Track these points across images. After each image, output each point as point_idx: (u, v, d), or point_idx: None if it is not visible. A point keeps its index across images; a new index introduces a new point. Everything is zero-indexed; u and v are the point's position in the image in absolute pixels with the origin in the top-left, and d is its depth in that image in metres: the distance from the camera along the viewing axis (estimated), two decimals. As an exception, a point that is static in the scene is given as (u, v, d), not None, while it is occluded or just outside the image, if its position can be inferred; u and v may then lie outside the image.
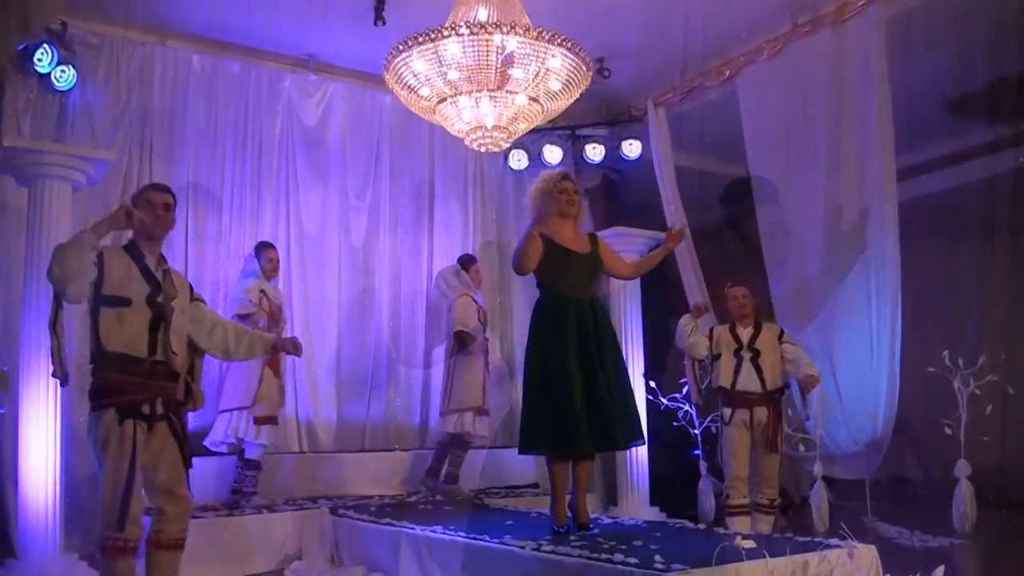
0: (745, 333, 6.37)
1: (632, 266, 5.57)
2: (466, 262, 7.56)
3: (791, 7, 7.31)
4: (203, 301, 4.35)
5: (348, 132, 8.25)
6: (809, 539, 4.58)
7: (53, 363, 3.82)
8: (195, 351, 4.24)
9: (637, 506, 7.54)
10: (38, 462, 5.59)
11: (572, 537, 4.78)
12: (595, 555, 4.17)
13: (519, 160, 8.81)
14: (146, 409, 3.88)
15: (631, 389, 5.21)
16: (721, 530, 5.39)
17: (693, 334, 6.46)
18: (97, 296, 3.88)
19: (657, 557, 4.00)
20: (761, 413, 6.20)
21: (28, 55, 6.58)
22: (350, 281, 8.12)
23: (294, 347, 4.47)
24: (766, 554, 3.63)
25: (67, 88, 6.83)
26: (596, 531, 5.02)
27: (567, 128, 8.82)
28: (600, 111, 9.04)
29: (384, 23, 7.00)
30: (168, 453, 3.94)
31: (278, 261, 6.82)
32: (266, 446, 6.45)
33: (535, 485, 7.86)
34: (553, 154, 8.67)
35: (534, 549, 4.46)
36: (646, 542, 4.55)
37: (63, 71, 6.75)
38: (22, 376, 5.74)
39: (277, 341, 4.51)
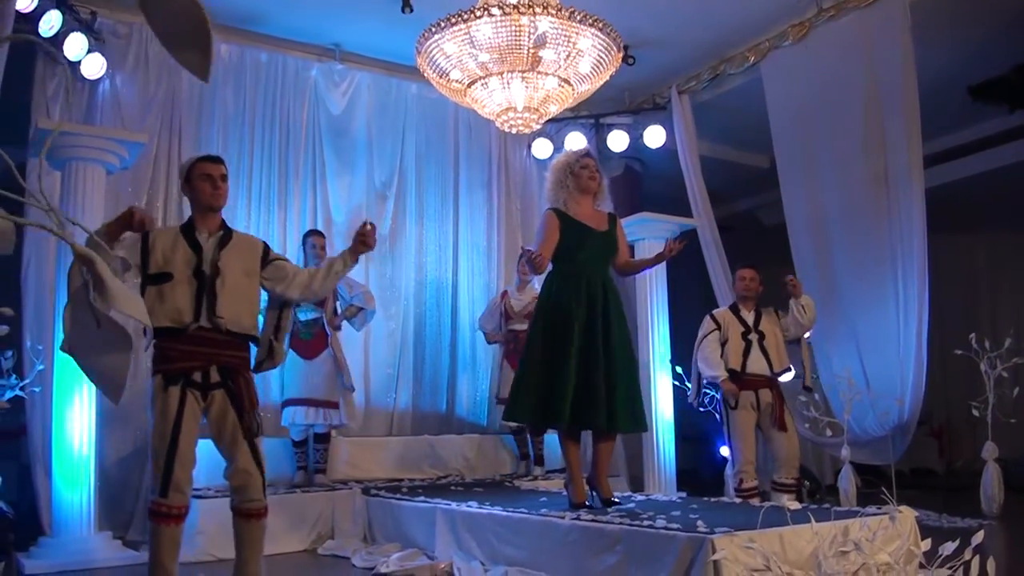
0: (749, 316, 6.33)
1: (625, 262, 5.39)
2: (520, 256, 7.74)
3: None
4: (283, 259, 4.22)
5: (374, 121, 8.29)
6: (847, 508, 4.60)
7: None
8: (281, 308, 4.22)
9: (663, 492, 7.53)
10: (72, 442, 5.64)
11: (608, 510, 4.79)
12: (636, 522, 4.20)
13: (543, 149, 8.85)
14: (198, 377, 3.85)
15: (637, 376, 5.20)
16: (757, 502, 5.40)
17: (713, 369, 6.22)
18: (145, 277, 3.89)
19: (700, 523, 4.02)
20: (766, 394, 6.17)
21: (58, 42, 6.64)
22: (376, 269, 8.15)
23: (364, 233, 4.15)
24: (811, 516, 3.64)
25: (96, 76, 6.89)
26: (632, 504, 5.04)
27: (590, 116, 8.86)
28: (623, 99, 9.05)
29: (411, 10, 7.02)
30: (228, 422, 3.88)
31: (322, 247, 6.84)
32: (297, 427, 6.56)
33: (562, 470, 7.84)
34: (576, 142, 8.69)
35: (574, 518, 4.48)
36: (685, 512, 4.58)
37: (92, 59, 6.81)
38: (56, 357, 5.79)
39: (353, 247, 4.17)
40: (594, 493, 5.08)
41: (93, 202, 5.89)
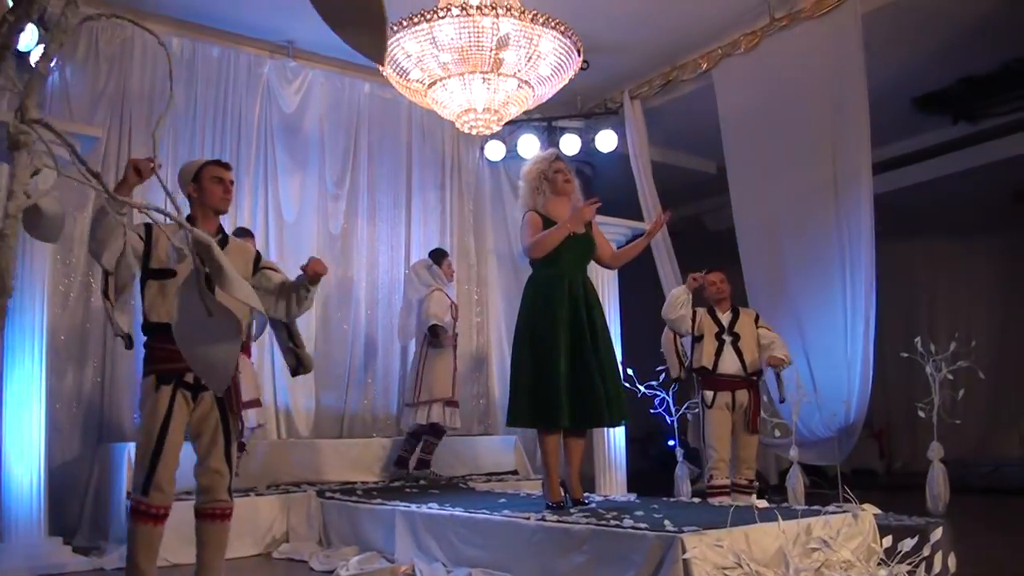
0: (724, 317, 6.42)
1: (613, 255, 5.53)
2: (438, 256, 7.59)
3: (768, 1, 7.44)
4: (273, 268, 4.19)
5: (327, 119, 8.22)
6: (807, 507, 4.67)
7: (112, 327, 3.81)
8: (287, 326, 4.28)
9: (617, 492, 7.58)
10: (23, 446, 5.49)
11: (572, 510, 4.80)
12: (603, 522, 4.21)
13: (495, 151, 8.86)
14: (189, 378, 3.83)
15: (619, 371, 5.27)
16: (717, 503, 5.46)
17: (684, 307, 6.33)
18: (145, 270, 3.87)
19: (666, 522, 4.05)
20: (742, 395, 6.28)
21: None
22: (328, 269, 8.05)
23: (314, 267, 4.06)
24: (778, 515, 3.70)
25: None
26: (593, 505, 5.06)
27: (543, 119, 8.88)
28: (576, 103, 9.08)
29: (368, 8, 6.96)
30: (209, 424, 3.88)
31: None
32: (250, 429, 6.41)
33: (515, 472, 7.87)
34: (529, 145, 8.70)
35: (539, 519, 4.48)
36: (648, 512, 4.60)
37: (42, 50, 6.65)
38: (6, 358, 5.64)
39: (305, 271, 4.07)
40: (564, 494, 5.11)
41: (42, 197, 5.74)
